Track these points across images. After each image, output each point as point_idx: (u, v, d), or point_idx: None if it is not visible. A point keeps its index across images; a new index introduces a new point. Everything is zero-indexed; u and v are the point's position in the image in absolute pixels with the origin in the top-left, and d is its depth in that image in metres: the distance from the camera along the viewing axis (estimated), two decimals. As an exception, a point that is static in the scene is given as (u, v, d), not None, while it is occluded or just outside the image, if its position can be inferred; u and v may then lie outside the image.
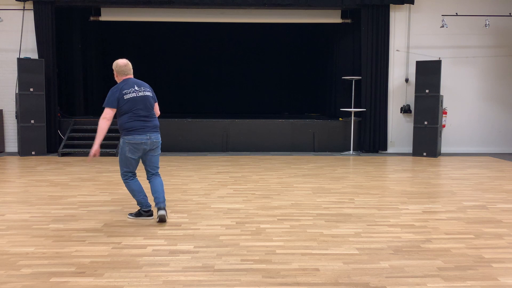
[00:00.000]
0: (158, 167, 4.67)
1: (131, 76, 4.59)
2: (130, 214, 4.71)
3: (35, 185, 6.40)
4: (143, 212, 4.63)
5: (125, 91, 4.41)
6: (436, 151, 9.53)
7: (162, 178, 4.78)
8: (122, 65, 4.53)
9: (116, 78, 4.59)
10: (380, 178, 7.07)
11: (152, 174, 4.64)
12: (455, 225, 4.52)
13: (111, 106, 4.38)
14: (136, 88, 4.47)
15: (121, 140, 4.50)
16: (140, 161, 4.62)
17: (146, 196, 4.63)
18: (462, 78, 10.37)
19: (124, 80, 4.51)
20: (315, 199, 5.58)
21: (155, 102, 4.68)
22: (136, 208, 4.86)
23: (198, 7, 10.14)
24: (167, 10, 10.38)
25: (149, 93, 4.57)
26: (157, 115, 4.70)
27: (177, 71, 13.64)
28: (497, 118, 10.49)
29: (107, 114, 4.37)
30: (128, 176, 4.56)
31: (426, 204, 5.39)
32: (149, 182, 4.64)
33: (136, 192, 4.55)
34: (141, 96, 4.47)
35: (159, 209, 4.49)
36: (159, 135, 4.59)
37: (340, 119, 10.46)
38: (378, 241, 3.98)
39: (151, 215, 4.63)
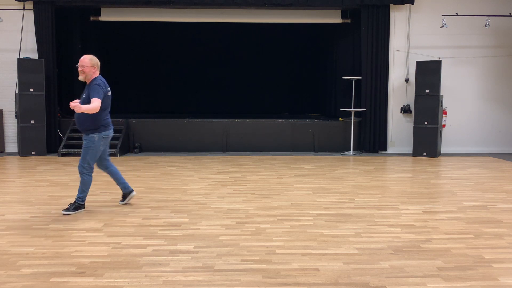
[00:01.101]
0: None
1: None
2: (66, 210, 4.86)
3: (35, 185, 6.40)
4: (81, 205, 4.94)
5: (108, 88, 4.85)
6: (436, 151, 9.53)
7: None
8: (98, 62, 4.88)
9: (91, 73, 4.78)
10: (380, 178, 7.07)
11: (108, 162, 5.16)
12: (455, 225, 4.52)
13: (101, 98, 4.72)
14: (108, 87, 4.90)
15: (95, 136, 4.81)
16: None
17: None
18: (462, 78, 10.37)
19: (101, 77, 4.86)
20: (315, 199, 5.58)
21: None
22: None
23: (198, 7, 10.13)
24: (167, 10, 10.38)
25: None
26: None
27: (177, 71, 13.64)
28: (497, 118, 10.49)
29: (99, 106, 4.68)
30: (90, 170, 4.89)
31: (426, 204, 5.39)
32: (108, 170, 5.16)
33: (88, 186, 4.93)
34: (110, 94, 4.93)
35: (131, 191, 5.27)
36: None
37: (340, 119, 10.46)
38: (378, 241, 3.98)
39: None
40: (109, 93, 4.88)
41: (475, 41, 10.31)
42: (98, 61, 4.87)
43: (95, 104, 4.60)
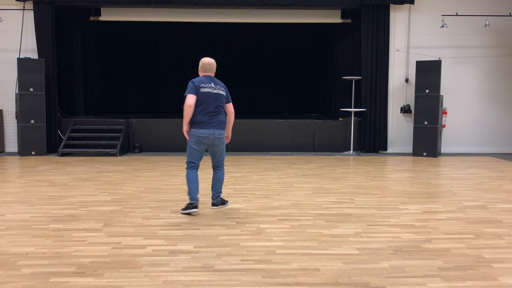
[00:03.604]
0: (221, 161, 5.01)
1: (211, 74, 4.92)
2: (182, 209, 4.86)
3: (35, 185, 6.40)
4: (188, 204, 4.84)
5: (202, 85, 4.75)
6: (436, 151, 9.53)
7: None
8: (205, 63, 4.90)
9: (199, 73, 4.97)
10: (380, 178, 7.07)
11: (215, 167, 5.02)
12: (455, 225, 4.52)
13: (191, 93, 4.72)
14: (212, 85, 4.79)
15: (190, 132, 4.83)
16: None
17: (196, 188, 4.82)
18: (462, 78, 10.37)
19: (204, 76, 4.87)
20: (315, 199, 5.58)
21: (229, 102, 4.96)
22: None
23: (198, 7, 10.14)
24: (167, 10, 10.38)
25: (223, 92, 4.86)
26: (231, 114, 4.96)
27: (177, 71, 13.63)
28: (497, 118, 10.49)
29: (190, 101, 4.69)
30: (190, 165, 4.85)
31: (426, 204, 5.39)
32: (213, 174, 5.04)
33: (188, 181, 4.82)
34: (214, 93, 4.77)
35: (212, 204, 5.08)
36: (223, 131, 4.87)
37: (340, 119, 10.46)
38: (378, 241, 3.98)
39: (195, 207, 4.81)
40: (207, 90, 4.72)
41: (475, 41, 10.31)
42: (203, 63, 4.90)
43: (185, 102, 4.71)
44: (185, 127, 4.83)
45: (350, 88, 10.42)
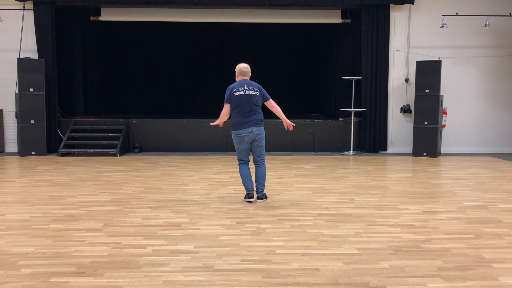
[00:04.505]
0: (262, 155, 5.40)
1: (247, 78, 5.43)
2: (244, 198, 5.45)
3: (35, 185, 6.40)
4: (246, 195, 5.40)
5: (236, 89, 5.25)
6: (436, 151, 9.53)
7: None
8: (241, 68, 5.45)
9: (236, 78, 5.50)
10: (380, 178, 7.07)
11: (256, 162, 5.41)
12: (455, 225, 4.52)
13: (226, 102, 5.32)
14: (245, 87, 5.26)
15: (232, 133, 5.35)
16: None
17: (249, 181, 5.34)
18: (462, 78, 10.37)
19: (239, 81, 5.37)
20: (315, 199, 5.58)
21: (267, 100, 5.46)
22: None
23: (198, 7, 10.13)
24: (167, 10, 10.38)
25: (256, 92, 5.30)
26: (276, 108, 5.55)
27: (177, 71, 13.63)
28: (497, 118, 10.49)
29: (225, 110, 5.36)
30: (240, 162, 5.42)
31: (426, 204, 5.39)
32: (255, 169, 5.44)
33: (241, 175, 5.39)
34: (247, 94, 5.23)
35: (257, 197, 5.42)
36: (261, 127, 5.32)
37: (340, 119, 10.46)
38: (378, 241, 3.98)
39: (251, 197, 5.35)
40: (239, 93, 5.20)
41: (475, 41, 10.31)
42: (239, 68, 5.44)
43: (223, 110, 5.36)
44: (215, 123, 5.50)
45: (350, 88, 10.42)
